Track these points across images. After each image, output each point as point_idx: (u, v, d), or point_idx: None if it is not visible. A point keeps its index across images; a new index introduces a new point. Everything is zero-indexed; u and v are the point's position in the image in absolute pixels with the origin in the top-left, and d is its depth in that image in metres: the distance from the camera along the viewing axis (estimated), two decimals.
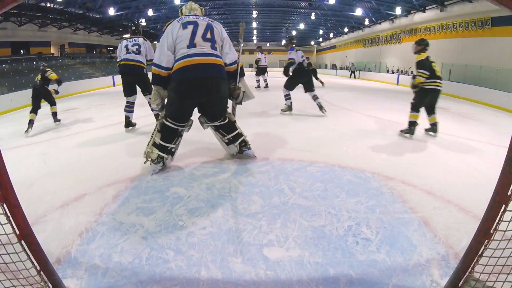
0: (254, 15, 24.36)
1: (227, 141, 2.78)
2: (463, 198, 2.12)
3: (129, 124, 4.39)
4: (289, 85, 5.38)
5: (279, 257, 1.48)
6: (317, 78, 10.68)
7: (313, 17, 23.28)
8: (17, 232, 1.01)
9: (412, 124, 4.03)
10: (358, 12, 18.79)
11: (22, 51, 16.83)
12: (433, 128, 4.12)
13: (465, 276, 1.14)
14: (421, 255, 1.50)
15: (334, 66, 28.88)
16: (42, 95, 5.23)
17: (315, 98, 5.47)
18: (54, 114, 5.30)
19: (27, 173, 2.71)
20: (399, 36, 18.36)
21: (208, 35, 2.46)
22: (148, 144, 2.56)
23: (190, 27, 2.42)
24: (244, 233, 1.68)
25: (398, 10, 16.61)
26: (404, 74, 16.09)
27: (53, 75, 5.34)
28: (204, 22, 2.49)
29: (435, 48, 14.88)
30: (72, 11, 16.43)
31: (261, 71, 11.08)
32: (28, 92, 9.03)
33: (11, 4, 0.93)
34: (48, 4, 15.00)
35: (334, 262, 1.45)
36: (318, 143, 3.54)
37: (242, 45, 2.96)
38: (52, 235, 1.68)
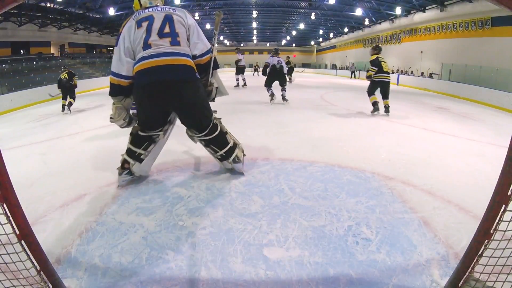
0: (254, 15, 24.37)
1: (219, 157, 2.42)
2: (463, 198, 2.12)
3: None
4: (267, 83, 6.92)
5: (279, 257, 1.48)
6: (290, 75, 11.57)
7: (313, 17, 23.30)
8: (17, 232, 1.01)
9: (374, 104, 5.59)
10: (358, 12, 18.80)
11: (22, 51, 16.84)
12: (386, 109, 5.60)
13: (465, 276, 1.14)
14: (421, 255, 1.50)
15: (334, 66, 28.90)
16: (66, 89, 6.80)
17: (282, 90, 6.98)
18: (70, 104, 6.76)
19: (27, 173, 2.71)
20: (399, 36, 18.36)
21: (167, 29, 2.08)
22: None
23: (145, 25, 2.07)
24: (244, 233, 1.68)
25: (398, 10, 16.62)
26: (404, 74, 16.10)
27: (76, 81, 7.20)
28: (162, 13, 2.11)
29: (435, 48, 14.95)
30: (72, 11, 16.44)
31: (240, 70, 11.57)
32: (28, 92, 9.16)
33: (11, 4, 0.93)
34: (48, 4, 15.01)
35: (334, 262, 1.45)
36: (318, 143, 3.54)
37: (216, 41, 2.43)
38: (52, 235, 1.69)
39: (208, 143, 2.34)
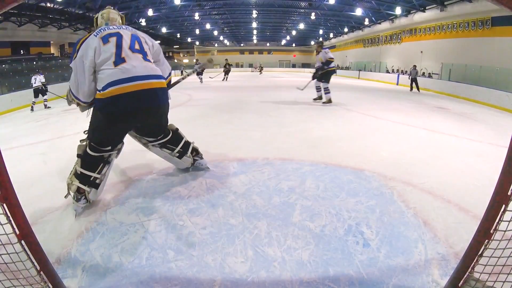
0: (254, 15, 24.35)
1: (177, 154, 2.37)
2: (463, 198, 2.12)
3: None
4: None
5: (279, 257, 1.48)
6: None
7: (313, 17, 23.27)
8: (17, 232, 1.01)
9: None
10: (358, 12, 18.79)
11: (22, 51, 16.84)
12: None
13: (465, 276, 1.14)
14: (421, 255, 1.50)
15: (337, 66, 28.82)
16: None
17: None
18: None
19: (27, 173, 2.71)
20: (399, 36, 18.35)
21: (137, 46, 1.93)
22: (70, 174, 1.97)
23: (113, 40, 1.86)
24: (244, 233, 1.68)
25: (398, 10, 16.61)
26: (404, 74, 16.10)
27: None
28: (128, 32, 1.97)
29: (435, 48, 14.94)
30: (72, 11, 16.44)
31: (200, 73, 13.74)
32: (28, 92, 9.18)
33: (11, 4, 0.93)
34: (48, 4, 15.01)
35: (334, 262, 1.45)
36: (318, 143, 3.54)
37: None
38: (52, 235, 1.69)
39: (163, 145, 2.32)
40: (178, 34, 30.07)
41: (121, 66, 1.81)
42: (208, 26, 26.30)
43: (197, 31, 28.48)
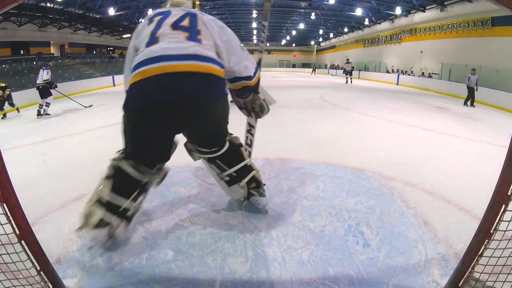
0: (254, 15, 24.35)
1: (227, 179, 1.76)
2: (463, 198, 2.13)
3: None
4: None
5: (280, 257, 1.48)
6: None
7: (313, 17, 23.29)
8: (17, 232, 1.02)
9: None
10: (358, 12, 18.80)
11: (22, 51, 16.83)
12: None
13: (465, 276, 1.14)
14: (421, 255, 1.50)
15: (332, 66, 28.85)
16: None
17: None
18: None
19: (27, 173, 2.71)
20: (399, 36, 18.36)
21: (185, 22, 1.46)
22: (88, 201, 1.46)
23: (156, 19, 1.49)
24: (244, 233, 1.68)
25: (398, 10, 16.62)
26: (404, 74, 16.11)
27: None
28: (183, 11, 1.55)
29: (435, 48, 14.94)
30: (72, 11, 16.44)
31: None
32: (28, 92, 9.20)
33: (11, 4, 0.93)
34: (48, 4, 15.02)
35: (334, 262, 1.45)
36: (318, 143, 3.54)
37: (266, 39, 2.14)
38: (52, 235, 1.68)
39: (213, 159, 1.74)
40: None
41: (152, 47, 1.37)
42: None
43: None
